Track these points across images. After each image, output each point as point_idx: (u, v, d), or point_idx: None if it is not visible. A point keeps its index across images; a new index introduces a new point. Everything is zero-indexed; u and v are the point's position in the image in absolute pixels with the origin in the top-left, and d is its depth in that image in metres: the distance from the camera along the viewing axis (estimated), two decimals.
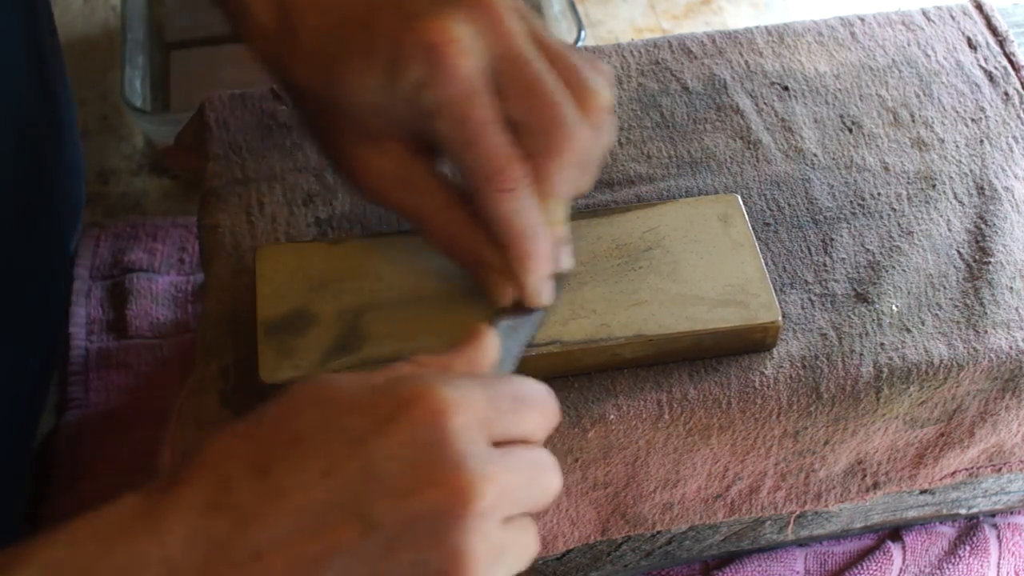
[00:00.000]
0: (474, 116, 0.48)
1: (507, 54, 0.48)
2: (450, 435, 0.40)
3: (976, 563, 0.69)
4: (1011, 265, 0.60)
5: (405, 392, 0.41)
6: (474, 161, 0.48)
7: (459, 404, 0.40)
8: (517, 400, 0.44)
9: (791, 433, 0.57)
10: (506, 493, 0.40)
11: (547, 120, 0.48)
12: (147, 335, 0.80)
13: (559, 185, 0.50)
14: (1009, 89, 0.68)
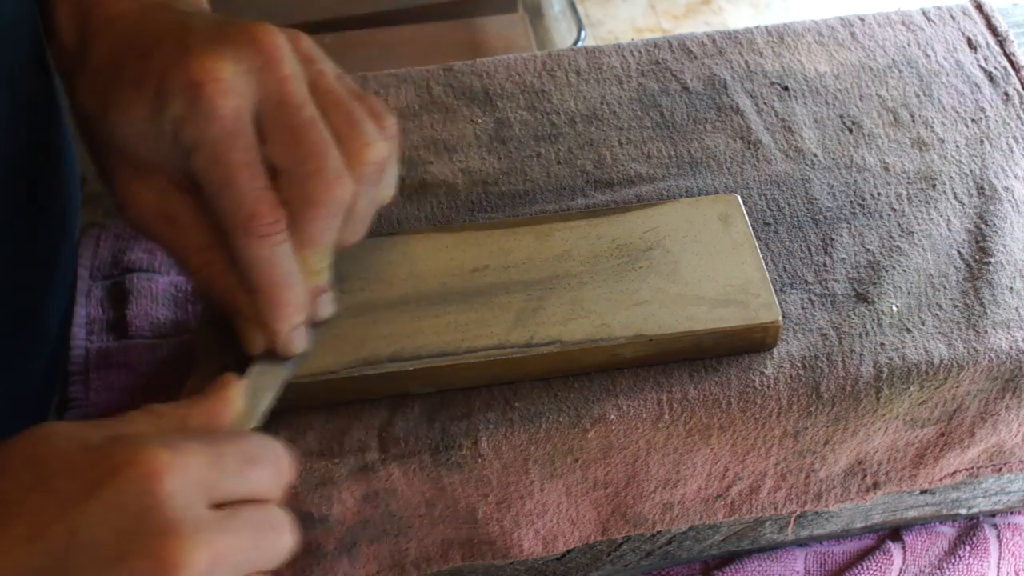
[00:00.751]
0: (230, 158, 0.47)
1: (276, 97, 0.47)
2: (161, 500, 0.39)
3: (976, 563, 0.69)
4: (1011, 265, 0.60)
5: (119, 454, 0.39)
6: (227, 203, 0.47)
7: (174, 467, 0.39)
8: (245, 459, 0.42)
9: (791, 433, 0.57)
10: (222, 558, 0.39)
11: (306, 169, 0.47)
12: (147, 335, 0.80)
13: (316, 235, 0.48)
14: (1009, 89, 0.68)
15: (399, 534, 0.57)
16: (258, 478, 0.42)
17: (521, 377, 0.55)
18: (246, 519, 0.41)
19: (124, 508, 0.38)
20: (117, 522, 0.38)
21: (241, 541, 0.41)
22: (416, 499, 0.55)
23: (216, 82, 0.46)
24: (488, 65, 0.69)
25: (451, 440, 0.53)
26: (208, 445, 0.41)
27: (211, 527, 0.39)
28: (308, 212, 0.48)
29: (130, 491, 0.38)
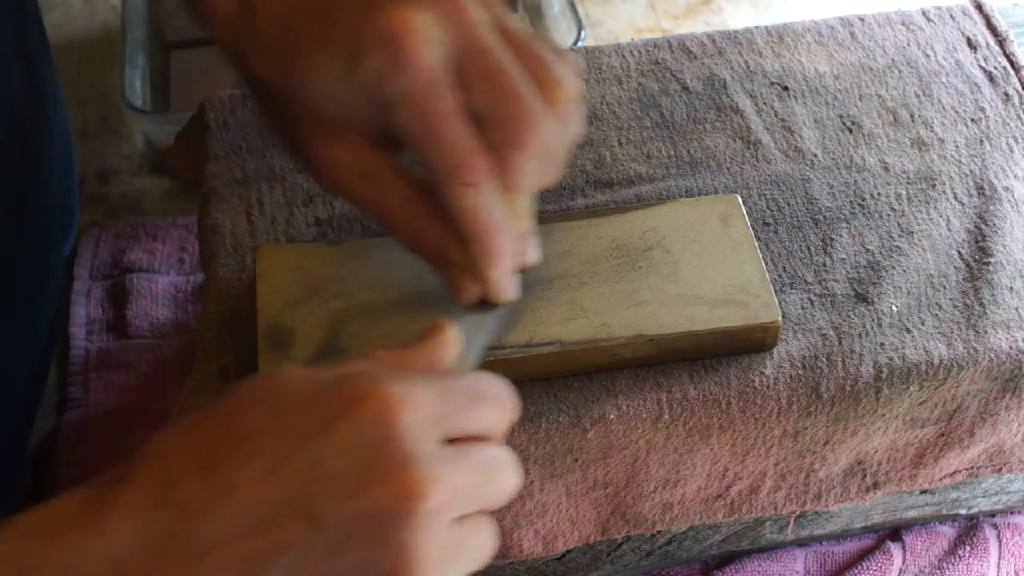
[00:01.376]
0: (435, 108, 0.46)
1: (469, 44, 0.47)
2: (398, 433, 0.39)
3: (976, 563, 0.69)
4: (1011, 265, 0.60)
5: (353, 389, 0.40)
6: (436, 154, 0.47)
7: (408, 401, 0.40)
8: (472, 396, 0.43)
9: (791, 433, 0.57)
10: (456, 492, 0.40)
11: (510, 112, 0.47)
12: (147, 335, 0.80)
13: (523, 178, 0.48)
14: (1009, 89, 0.68)
15: None
16: (484, 414, 0.43)
17: (521, 377, 0.54)
18: (476, 456, 0.41)
19: (362, 440, 0.39)
20: (356, 454, 0.39)
21: (473, 476, 0.41)
22: None
23: (413, 33, 0.46)
24: None
25: None
26: (436, 382, 0.42)
27: (446, 461, 0.40)
28: (515, 155, 0.48)
29: (368, 423, 0.39)
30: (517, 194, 0.49)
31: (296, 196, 0.62)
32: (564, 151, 0.50)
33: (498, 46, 0.48)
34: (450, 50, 0.47)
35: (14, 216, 0.63)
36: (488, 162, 0.47)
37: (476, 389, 0.43)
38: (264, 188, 0.62)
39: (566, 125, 0.49)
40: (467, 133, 0.47)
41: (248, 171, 0.63)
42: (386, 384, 0.40)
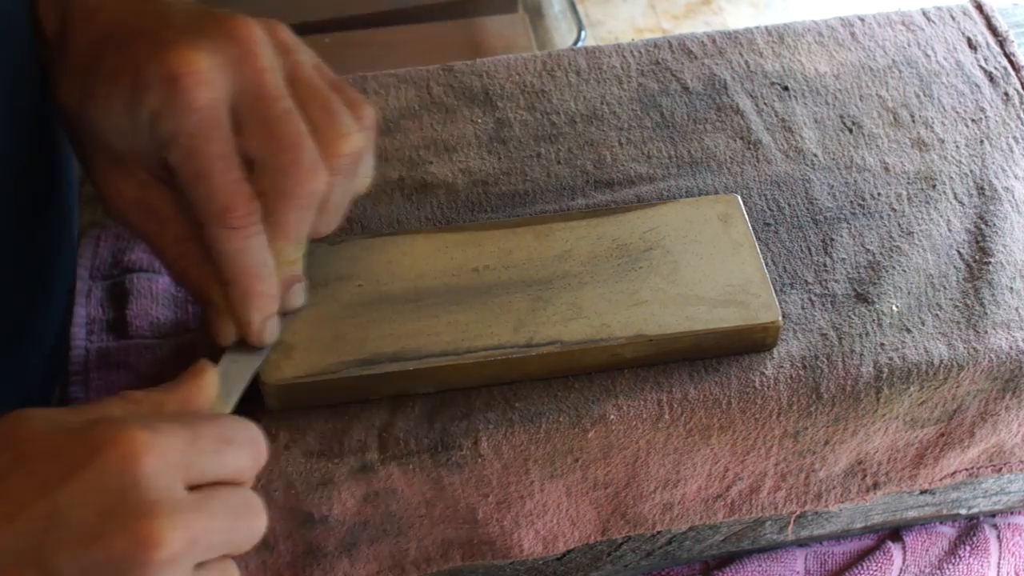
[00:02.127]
0: (205, 149, 0.47)
1: (251, 89, 0.47)
2: (140, 480, 0.39)
3: (976, 563, 0.69)
4: (1011, 265, 0.60)
5: (99, 435, 0.39)
6: (201, 195, 0.48)
7: (153, 447, 0.39)
8: (222, 440, 0.42)
9: (791, 433, 0.57)
10: (197, 539, 0.40)
11: (281, 161, 0.47)
12: (147, 335, 0.80)
13: (290, 227, 0.49)
14: (1009, 89, 0.68)
15: (399, 534, 0.57)
16: (233, 459, 0.43)
17: (521, 377, 0.55)
18: (221, 501, 0.41)
19: (104, 488, 0.39)
20: (97, 502, 0.38)
21: (216, 523, 0.41)
22: (416, 499, 0.55)
23: (192, 74, 0.46)
24: (488, 65, 0.69)
25: (451, 440, 0.53)
26: (185, 426, 0.42)
27: (188, 508, 0.40)
28: (283, 204, 0.48)
29: (110, 471, 0.39)
30: (284, 241, 0.49)
31: None
32: (342, 203, 0.51)
33: (280, 94, 0.48)
34: (232, 93, 0.47)
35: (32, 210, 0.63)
36: (252, 207, 0.48)
37: (225, 434, 0.43)
38: None
39: (344, 178, 0.50)
40: (235, 177, 0.47)
41: None
42: (131, 430, 0.40)
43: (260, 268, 0.49)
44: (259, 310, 0.50)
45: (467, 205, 0.62)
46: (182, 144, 0.47)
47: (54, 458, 0.39)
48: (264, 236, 0.48)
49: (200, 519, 0.40)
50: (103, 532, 0.38)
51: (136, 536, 0.38)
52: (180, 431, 0.41)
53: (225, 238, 0.48)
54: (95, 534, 0.38)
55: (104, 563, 0.38)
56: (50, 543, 0.38)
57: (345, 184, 0.50)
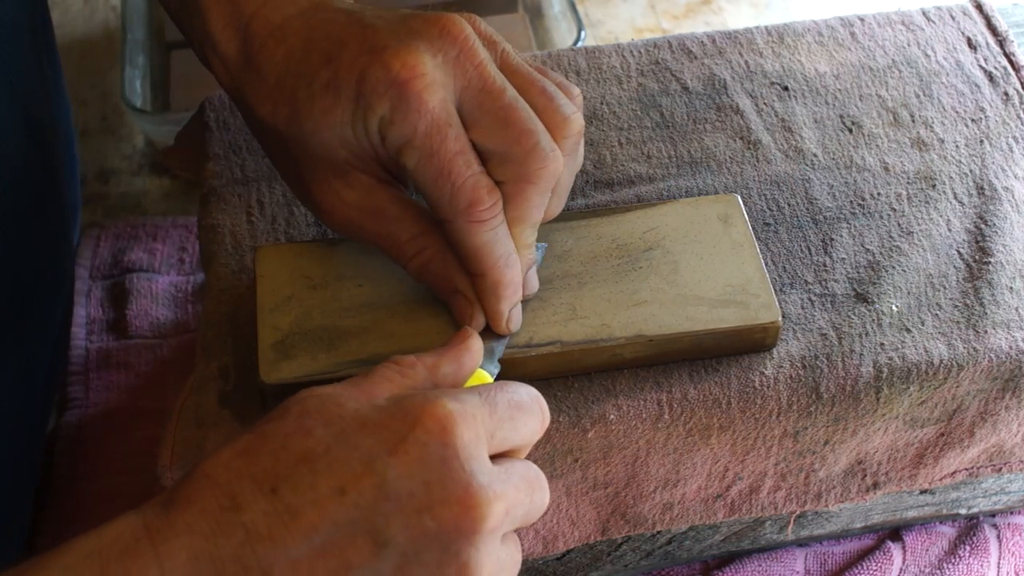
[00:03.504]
0: (444, 149, 0.48)
1: (476, 84, 0.48)
2: (459, 451, 0.40)
3: (976, 563, 0.69)
4: (1011, 265, 0.60)
5: (412, 409, 0.41)
6: (445, 193, 0.48)
7: (463, 417, 0.41)
8: (514, 408, 0.44)
9: (791, 433, 0.57)
10: (510, 511, 0.41)
11: (522, 148, 0.48)
12: (147, 335, 0.80)
13: (533, 212, 0.50)
14: (1009, 89, 0.68)
15: None
16: (525, 424, 0.44)
17: (521, 377, 0.54)
18: (520, 473, 0.43)
19: (427, 459, 0.40)
20: (422, 473, 0.40)
21: (522, 495, 0.42)
22: None
23: (420, 77, 0.47)
24: None
25: None
26: (482, 395, 0.43)
27: (499, 479, 0.41)
28: (526, 190, 0.49)
29: (431, 443, 0.40)
30: (523, 226, 0.50)
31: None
32: (569, 183, 0.52)
33: (505, 85, 0.49)
34: (456, 91, 0.48)
35: (31, 215, 0.63)
36: (496, 198, 0.49)
37: (516, 400, 0.44)
38: (264, 188, 0.62)
39: (573, 158, 0.51)
40: (476, 172, 0.48)
41: (248, 171, 0.63)
42: (441, 401, 0.41)
43: (508, 257, 0.50)
44: (508, 299, 0.51)
45: None
46: (419, 146, 0.48)
47: (374, 433, 0.40)
48: (506, 225, 0.50)
49: (509, 490, 0.41)
50: (432, 502, 0.39)
51: (463, 506, 0.40)
52: (480, 399, 0.43)
53: (474, 232, 0.49)
54: (425, 504, 0.39)
55: (435, 531, 0.39)
56: (382, 514, 0.39)
57: (571, 164, 0.51)
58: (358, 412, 0.41)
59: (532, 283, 0.53)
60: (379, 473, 0.39)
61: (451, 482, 0.40)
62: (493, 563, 0.41)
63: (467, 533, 0.40)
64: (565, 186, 0.52)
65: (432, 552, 0.39)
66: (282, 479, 0.39)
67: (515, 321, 0.52)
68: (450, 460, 0.40)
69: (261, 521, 0.38)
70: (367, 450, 0.40)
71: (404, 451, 0.40)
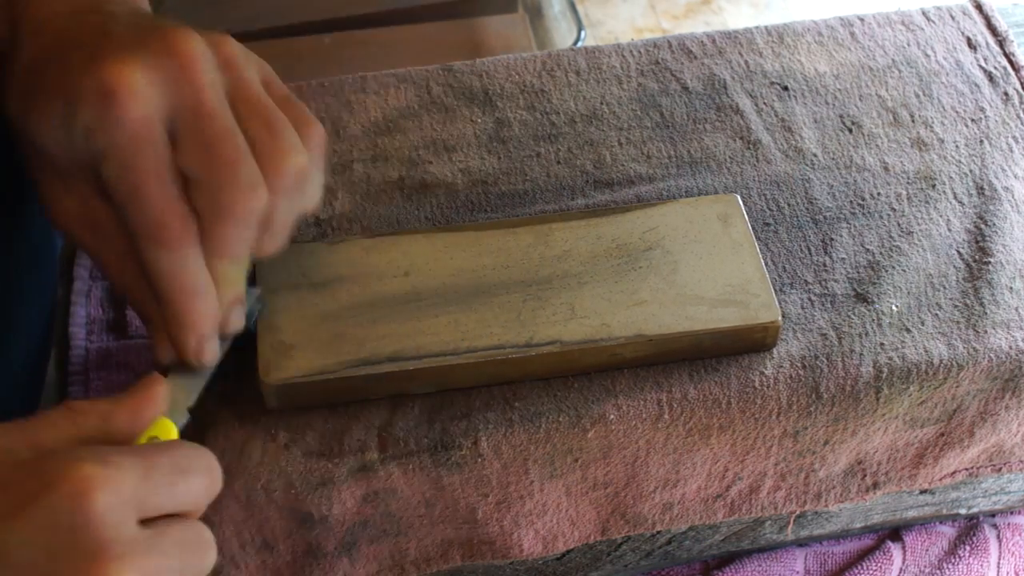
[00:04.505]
0: (139, 165, 0.46)
1: (188, 105, 0.46)
2: (92, 519, 0.38)
3: (976, 563, 0.69)
4: (1011, 265, 0.60)
5: (50, 470, 0.38)
6: (135, 212, 0.46)
7: (105, 482, 0.38)
8: (176, 471, 0.41)
9: (791, 433, 0.57)
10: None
11: (218, 178, 0.46)
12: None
13: (228, 247, 0.47)
14: (1009, 89, 0.68)
15: (399, 534, 0.57)
16: (187, 490, 0.42)
17: (521, 377, 0.55)
18: (174, 538, 0.41)
19: (55, 527, 0.37)
20: (47, 541, 0.37)
21: (169, 562, 0.40)
22: (416, 499, 0.55)
23: (126, 88, 0.45)
24: (488, 65, 0.69)
25: (451, 440, 0.53)
26: (139, 457, 0.40)
27: (141, 547, 0.39)
28: (219, 222, 0.47)
29: (61, 509, 0.37)
30: (223, 261, 0.48)
31: None
32: (286, 222, 0.49)
33: (219, 110, 0.47)
34: (168, 109, 0.46)
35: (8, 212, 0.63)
36: (187, 225, 0.46)
37: (180, 464, 0.42)
38: None
39: (288, 196, 0.48)
40: (169, 194, 0.46)
41: None
42: (83, 465, 0.38)
43: (195, 287, 0.47)
44: (194, 330, 0.48)
45: (467, 205, 0.62)
46: (114, 159, 0.46)
47: (2, 492, 0.38)
48: (200, 255, 0.47)
49: (152, 558, 0.39)
50: (55, 573, 0.37)
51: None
52: (134, 463, 0.40)
53: (158, 256, 0.47)
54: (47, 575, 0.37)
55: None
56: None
57: (289, 203, 0.49)
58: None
59: (235, 322, 0.50)
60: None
61: (76, 553, 0.37)
62: None
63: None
64: (281, 224, 0.49)
65: None
66: None
67: (206, 355, 0.49)
68: (80, 528, 0.37)
69: None
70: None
71: (30, 516, 0.37)
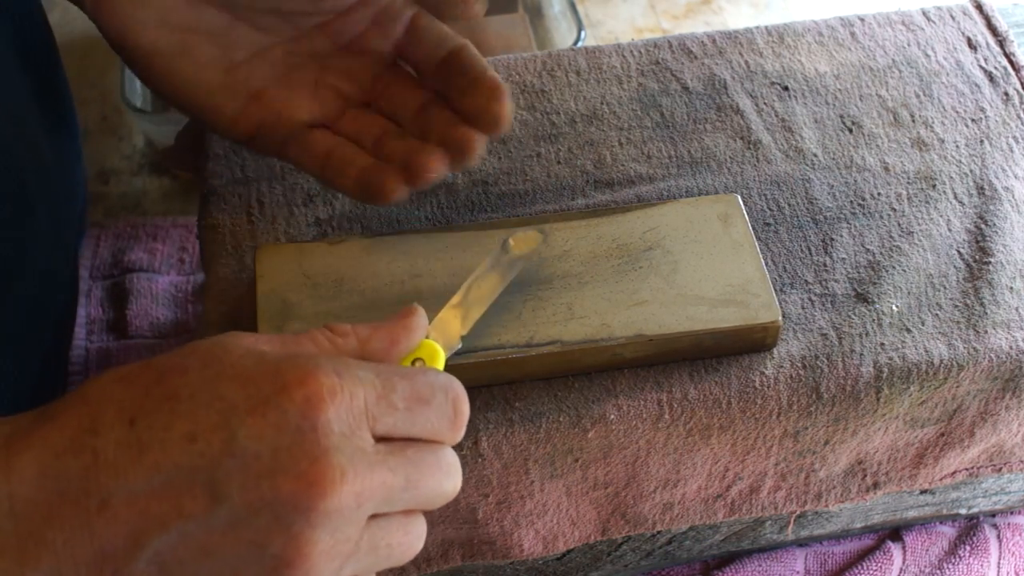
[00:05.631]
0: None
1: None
2: (319, 425, 0.39)
3: (976, 563, 0.69)
4: (1011, 265, 0.60)
5: (289, 372, 0.39)
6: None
7: (339, 393, 0.39)
8: (415, 399, 0.41)
9: (791, 433, 0.57)
10: (370, 492, 0.39)
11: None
12: (147, 335, 0.80)
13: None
14: (1009, 89, 0.68)
15: None
16: (426, 419, 0.42)
17: (521, 377, 0.55)
18: (409, 457, 0.41)
19: (283, 427, 0.38)
20: (274, 439, 0.38)
21: (395, 479, 0.40)
22: None
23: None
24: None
25: None
26: (379, 376, 0.41)
27: (367, 460, 0.39)
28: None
29: (292, 411, 0.38)
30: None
31: (296, 196, 0.62)
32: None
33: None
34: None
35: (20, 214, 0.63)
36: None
37: (421, 393, 0.42)
38: (264, 188, 0.62)
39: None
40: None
41: (248, 171, 0.63)
42: (319, 373, 0.39)
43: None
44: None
45: (467, 205, 0.62)
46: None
47: (243, 387, 0.39)
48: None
49: (377, 473, 0.39)
50: (274, 469, 0.38)
51: (304, 479, 0.38)
52: (372, 381, 0.40)
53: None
54: (268, 470, 0.38)
55: (270, 500, 0.38)
56: (224, 470, 0.38)
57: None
58: (239, 362, 0.40)
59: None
60: (231, 428, 0.38)
61: (300, 454, 0.38)
62: (337, 543, 0.39)
63: (303, 509, 0.38)
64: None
65: (265, 519, 0.38)
66: (143, 412, 0.38)
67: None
68: (306, 432, 0.38)
69: (111, 449, 0.38)
70: (229, 402, 0.39)
71: (262, 413, 0.38)
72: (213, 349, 0.41)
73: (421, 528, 0.42)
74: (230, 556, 0.38)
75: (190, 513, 0.38)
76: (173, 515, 0.38)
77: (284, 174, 0.63)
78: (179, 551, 0.38)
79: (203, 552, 0.38)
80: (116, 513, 0.38)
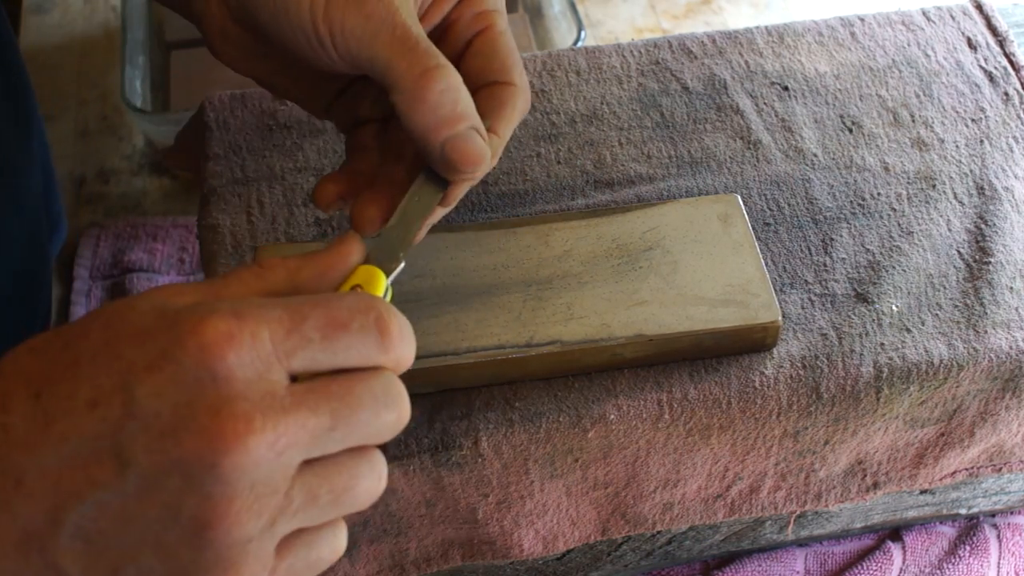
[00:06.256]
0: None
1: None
2: (219, 374, 0.36)
3: (976, 563, 0.69)
4: (1011, 265, 0.60)
5: (184, 323, 0.36)
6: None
7: (236, 337, 0.36)
8: (332, 325, 0.38)
9: (791, 433, 0.57)
10: (290, 437, 0.36)
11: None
12: None
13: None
14: (1009, 89, 0.68)
15: (399, 534, 0.57)
16: (347, 345, 0.38)
17: (521, 377, 0.55)
18: (333, 392, 0.38)
19: (182, 380, 0.36)
20: (174, 394, 0.36)
21: (319, 419, 0.37)
22: (416, 499, 0.55)
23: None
24: None
25: (451, 440, 0.53)
26: (287, 310, 0.37)
27: (279, 404, 0.36)
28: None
29: (188, 362, 0.36)
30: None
31: (296, 196, 0.62)
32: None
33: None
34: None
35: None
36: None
37: (338, 317, 0.38)
38: (264, 188, 0.62)
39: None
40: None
41: (248, 171, 0.63)
42: (217, 318, 0.36)
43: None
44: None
45: (467, 205, 0.62)
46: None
47: (141, 344, 0.36)
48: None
49: (293, 416, 0.36)
50: (176, 427, 0.35)
51: (207, 434, 0.35)
52: (278, 316, 0.37)
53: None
54: (169, 428, 0.35)
55: (177, 459, 0.35)
56: (127, 433, 0.36)
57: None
58: (140, 319, 0.37)
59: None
60: (129, 389, 0.36)
61: (200, 407, 0.35)
62: (260, 497, 0.36)
63: (210, 465, 0.35)
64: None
65: (175, 480, 0.36)
66: (48, 383, 0.37)
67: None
68: (205, 383, 0.36)
69: (20, 425, 0.36)
70: (128, 362, 0.36)
71: (159, 368, 0.36)
72: (118, 307, 0.38)
73: (373, 466, 0.39)
74: (150, 521, 0.36)
75: (101, 482, 0.36)
76: (85, 486, 0.36)
77: (284, 174, 0.63)
78: (99, 522, 0.36)
79: (122, 520, 0.36)
80: (31, 490, 0.36)
